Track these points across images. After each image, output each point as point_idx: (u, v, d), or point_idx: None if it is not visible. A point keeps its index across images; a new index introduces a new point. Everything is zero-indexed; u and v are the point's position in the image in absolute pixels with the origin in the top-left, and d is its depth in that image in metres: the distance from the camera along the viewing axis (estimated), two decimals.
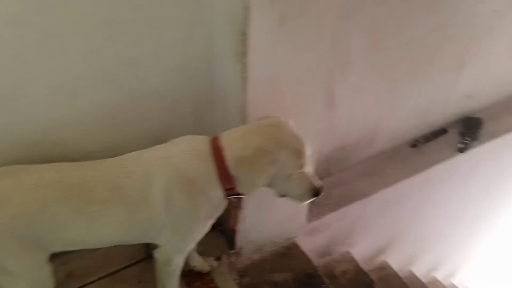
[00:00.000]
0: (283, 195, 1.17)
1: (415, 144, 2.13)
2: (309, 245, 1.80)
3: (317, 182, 1.16)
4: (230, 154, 1.08)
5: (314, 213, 1.77)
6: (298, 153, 1.09)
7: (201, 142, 1.13)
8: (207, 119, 1.41)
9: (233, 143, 1.09)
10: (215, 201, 1.14)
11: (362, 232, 2.06)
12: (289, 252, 1.70)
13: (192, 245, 1.25)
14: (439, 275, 2.91)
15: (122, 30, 1.15)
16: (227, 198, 1.14)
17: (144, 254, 1.51)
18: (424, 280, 2.62)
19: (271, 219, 1.60)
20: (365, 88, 1.78)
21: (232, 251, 1.60)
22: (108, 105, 1.25)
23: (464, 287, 3.24)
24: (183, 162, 1.10)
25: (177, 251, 1.23)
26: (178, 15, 1.20)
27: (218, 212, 1.20)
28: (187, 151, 1.12)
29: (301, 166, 1.11)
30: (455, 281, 3.12)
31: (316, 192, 1.15)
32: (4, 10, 1.00)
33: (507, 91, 2.36)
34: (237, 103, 1.28)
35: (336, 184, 1.91)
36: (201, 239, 1.35)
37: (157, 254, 1.23)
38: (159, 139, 1.21)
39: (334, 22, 1.26)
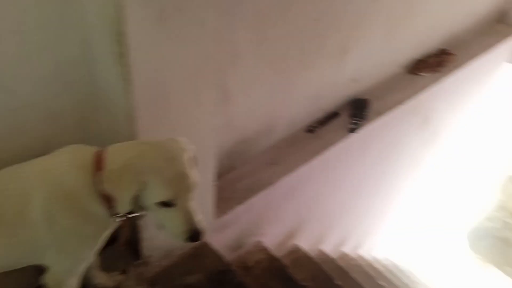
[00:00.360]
0: (160, 227, 1.07)
1: (310, 129, 2.22)
2: (219, 241, 1.80)
3: (199, 224, 1.03)
4: (105, 168, 1.01)
5: (221, 208, 1.76)
6: (169, 182, 0.99)
7: (85, 153, 1.06)
8: (93, 129, 1.32)
9: (111, 156, 1.03)
10: (99, 219, 1.06)
11: (271, 220, 2.11)
12: (199, 252, 1.67)
13: (83, 265, 1.17)
14: (346, 249, 3.12)
15: None
16: (115, 217, 1.06)
17: (37, 282, 1.38)
18: (333, 255, 2.78)
19: None
20: (258, 80, 1.81)
21: (139, 261, 1.53)
22: None
23: (369, 255, 3.52)
24: (62, 175, 1.03)
25: (67, 273, 1.14)
26: (44, 18, 1.09)
27: (108, 231, 1.13)
28: (68, 163, 1.04)
29: (175, 199, 1.00)
30: (361, 252, 3.37)
31: (194, 236, 1.02)
32: None
33: (388, 71, 2.57)
34: (123, 108, 1.22)
35: (240, 177, 1.93)
36: (104, 254, 1.28)
37: (47, 278, 1.13)
38: (40, 155, 1.12)
39: (216, 17, 1.25)
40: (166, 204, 1.00)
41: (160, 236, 1.53)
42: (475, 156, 4.54)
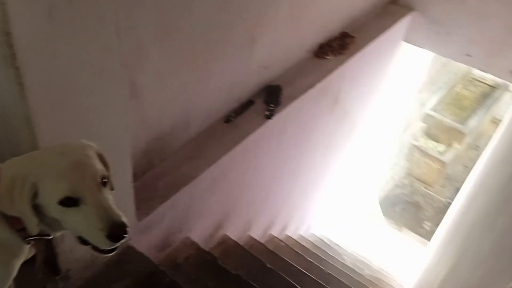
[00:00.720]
0: (81, 240, 0.94)
1: (228, 119, 2.23)
2: (145, 243, 1.75)
3: (118, 218, 0.89)
4: None
5: (144, 209, 1.71)
6: (61, 174, 0.88)
7: None
8: None
9: (4, 173, 0.91)
10: (7, 246, 0.95)
11: (197, 214, 2.09)
12: (125, 258, 1.61)
13: None
14: (274, 231, 3.21)
15: None
16: (28, 240, 0.96)
17: None
18: (262, 240, 2.85)
19: None
20: (168, 73, 1.77)
21: (58, 276, 1.43)
22: None
23: (296, 234, 3.66)
24: None
25: None
26: None
27: (19, 258, 1.01)
28: None
29: (77, 192, 0.88)
30: (288, 232, 3.50)
31: (115, 231, 0.87)
32: None
33: (296, 56, 2.66)
34: (20, 115, 1.11)
35: (160, 174, 1.88)
36: (19, 273, 1.17)
37: None
38: None
39: (115, 10, 1.18)
40: (69, 203, 0.87)
41: (80, 248, 1.45)
42: (383, 130, 4.91)
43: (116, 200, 1.49)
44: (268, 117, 2.30)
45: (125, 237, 0.90)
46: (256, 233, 2.84)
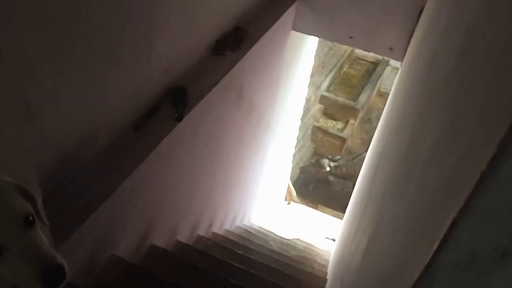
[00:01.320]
0: None
1: (137, 127, 2.17)
2: (69, 269, 1.63)
3: (52, 258, 0.82)
4: None
5: (61, 235, 1.60)
6: None
7: None
8: None
9: None
10: None
11: (120, 229, 2.01)
12: None
13: None
14: (201, 231, 3.20)
15: None
16: None
17: None
18: (190, 242, 2.83)
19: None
20: (64, 87, 1.66)
21: None
22: None
23: (223, 230, 3.70)
24: None
25: None
26: None
27: None
28: None
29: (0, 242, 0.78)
30: (215, 229, 3.52)
31: (50, 273, 0.80)
32: None
33: (195, 56, 2.66)
34: None
35: (73, 195, 1.77)
36: None
37: None
38: None
39: None
40: None
41: None
42: (286, 116, 5.14)
43: None
44: (178, 119, 2.28)
45: (63, 280, 0.83)
46: (183, 237, 2.81)
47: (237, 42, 2.99)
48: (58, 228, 1.58)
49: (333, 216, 7.04)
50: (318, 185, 7.85)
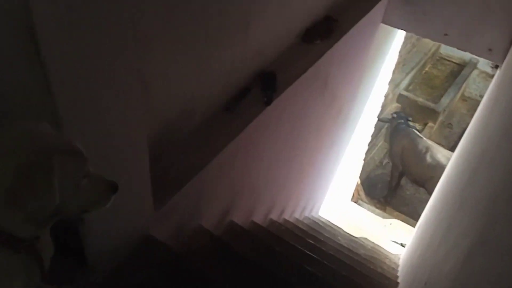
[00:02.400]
0: (79, 213, 0.98)
1: (228, 107, 2.25)
2: (162, 233, 1.76)
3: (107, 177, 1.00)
4: None
5: (160, 199, 1.72)
6: (73, 152, 0.90)
7: None
8: None
9: None
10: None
11: (206, 201, 2.12)
12: (146, 247, 1.62)
13: None
14: (273, 216, 3.27)
15: None
16: (17, 251, 0.87)
17: None
18: (264, 224, 2.90)
19: (119, 221, 1.49)
20: (172, 63, 1.77)
21: (86, 269, 1.43)
22: None
23: (293, 218, 3.74)
24: None
25: None
26: None
27: (15, 274, 0.91)
28: None
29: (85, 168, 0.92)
30: (286, 216, 3.56)
31: (114, 187, 0.99)
32: None
33: (286, 42, 2.70)
34: (47, 109, 1.10)
35: (170, 164, 1.89)
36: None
37: None
38: None
39: (128, 3, 1.19)
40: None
41: (104, 240, 1.46)
42: (363, 112, 5.02)
43: (133, 191, 1.51)
44: (267, 103, 2.33)
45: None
46: (258, 218, 2.88)
47: (327, 31, 2.97)
48: (157, 192, 1.71)
49: (402, 220, 6.79)
50: (388, 187, 7.59)
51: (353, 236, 4.38)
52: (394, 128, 7.15)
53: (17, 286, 0.92)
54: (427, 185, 6.57)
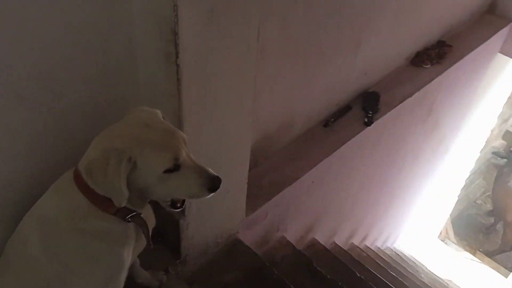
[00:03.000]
0: (174, 201, 1.07)
1: (326, 123, 2.24)
2: (248, 238, 1.80)
3: (211, 171, 1.00)
4: (82, 170, 0.94)
5: (251, 205, 1.76)
6: (161, 146, 0.93)
7: (64, 177, 1.03)
8: None
9: (84, 157, 0.98)
10: (106, 233, 1.00)
11: (293, 215, 2.12)
12: (234, 250, 1.67)
13: (117, 281, 1.09)
14: (355, 240, 3.16)
15: (31, 41, 0.98)
16: (127, 220, 1.01)
17: None
18: (345, 247, 2.82)
19: (213, 220, 1.56)
20: (280, 75, 1.82)
21: (178, 260, 1.52)
22: (25, 127, 1.07)
23: (375, 246, 3.58)
24: (47, 206, 1.02)
25: None
26: (92, 18, 1.07)
27: (126, 243, 1.05)
28: (49, 194, 1.03)
29: (177, 159, 0.94)
30: (367, 243, 3.43)
31: (213, 183, 0.99)
32: None
33: (394, 64, 2.62)
34: (171, 108, 1.20)
35: (265, 173, 1.93)
36: (144, 254, 1.26)
37: None
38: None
39: (258, 14, 1.24)
40: (172, 170, 0.93)
41: (198, 235, 1.53)
42: (465, 145, 4.67)
43: (231, 193, 1.57)
44: (367, 124, 2.28)
45: (219, 186, 1.00)
46: (340, 240, 2.82)
47: (438, 56, 2.83)
48: (249, 198, 1.75)
49: (492, 268, 6.16)
50: (481, 230, 6.95)
51: (437, 276, 4.07)
52: (503, 166, 6.43)
53: (128, 248, 1.06)
54: None
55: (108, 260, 1.04)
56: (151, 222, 1.17)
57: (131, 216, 1.01)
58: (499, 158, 6.57)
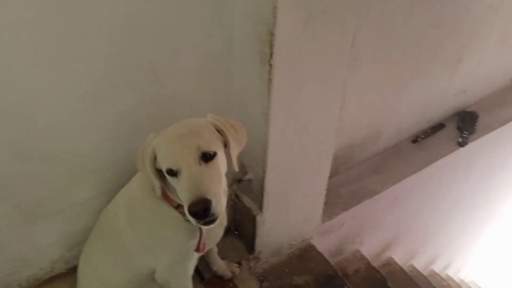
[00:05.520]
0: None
1: (416, 139, 2.15)
2: (322, 245, 1.79)
3: (200, 193, 0.86)
4: None
5: (327, 213, 1.75)
6: (166, 147, 0.93)
7: None
8: None
9: None
10: (172, 222, 1.07)
11: (371, 229, 2.06)
12: (306, 254, 1.68)
13: (183, 267, 1.17)
14: (436, 268, 2.96)
15: (143, 33, 1.10)
16: (184, 219, 1.06)
17: None
18: (424, 272, 2.66)
19: (289, 221, 1.58)
20: (371, 85, 1.79)
21: (251, 255, 1.56)
22: (130, 110, 1.19)
23: (457, 277, 3.32)
24: (133, 185, 1.14)
25: (169, 274, 1.17)
26: (197, 16, 1.16)
27: (193, 235, 1.10)
28: (139, 174, 1.13)
29: (176, 165, 0.90)
30: (449, 273, 3.19)
31: (192, 206, 0.85)
32: (22, 13, 0.93)
33: (498, 84, 2.43)
34: (260, 106, 1.25)
35: (345, 182, 1.91)
36: (220, 244, 1.31)
37: (158, 277, 1.19)
38: None
39: (354, 21, 1.25)
40: (172, 173, 0.92)
41: (273, 234, 1.56)
42: None
43: (309, 197, 1.57)
44: (461, 144, 2.14)
45: (208, 216, 0.86)
46: (418, 264, 2.66)
47: None
48: (326, 205, 1.74)
49: None
50: None
51: None
52: None
53: (194, 241, 1.11)
54: None
55: (174, 247, 1.12)
56: (222, 222, 1.21)
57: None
58: None
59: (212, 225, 0.90)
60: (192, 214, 0.86)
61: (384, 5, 1.56)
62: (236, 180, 1.50)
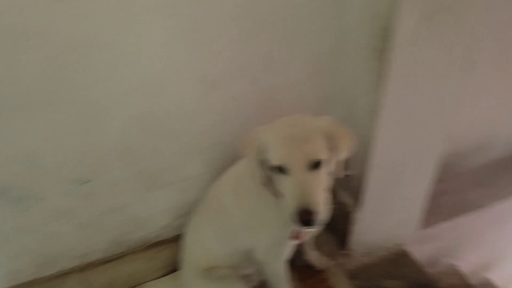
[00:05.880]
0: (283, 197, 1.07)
1: None
2: (416, 253, 1.72)
3: (309, 203, 0.90)
4: None
5: (426, 220, 1.68)
6: (279, 145, 0.95)
7: None
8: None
9: None
10: (272, 207, 1.09)
11: (470, 245, 1.93)
12: (399, 259, 1.63)
13: (279, 251, 1.20)
14: None
15: (262, 24, 1.16)
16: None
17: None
18: None
19: (385, 223, 1.55)
20: (486, 91, 1.68)
21: (344, 251, 1.56)
22: (241, 96, 1.27)
23: None
24: (241, 167, 1.20)
25: (266, 254, 1.21)
26: (315, 9, 1.19)
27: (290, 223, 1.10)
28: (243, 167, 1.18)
29: (287, 164, 0.93)
30: None
31: (300, 215, 0.90)
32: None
33: None
34: (367, 102, 1.25)
35: (446, 191, 1.82)
36: (317, 235, 1.33)
37: (256, 256, 1.25)
38: None
39: (475, 20, 1.19)
40: (280, 170, 0.95)
41: (368, 233, 1.54)
42: None
43: (409, 201, 1.52)
44: None
45: (313, 223, 0.90)
46: None
47: None
48: (424, 213, 1.67)
49: None
50: None
51: None
52: None
53: (289, 231, 1.15)
54: None
55: (273, 230, 1.16)
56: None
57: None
58: None
59: (311, 229, 0.94)
60: (299, 221, 0.91)
61: (508, 5, 1.46)
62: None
